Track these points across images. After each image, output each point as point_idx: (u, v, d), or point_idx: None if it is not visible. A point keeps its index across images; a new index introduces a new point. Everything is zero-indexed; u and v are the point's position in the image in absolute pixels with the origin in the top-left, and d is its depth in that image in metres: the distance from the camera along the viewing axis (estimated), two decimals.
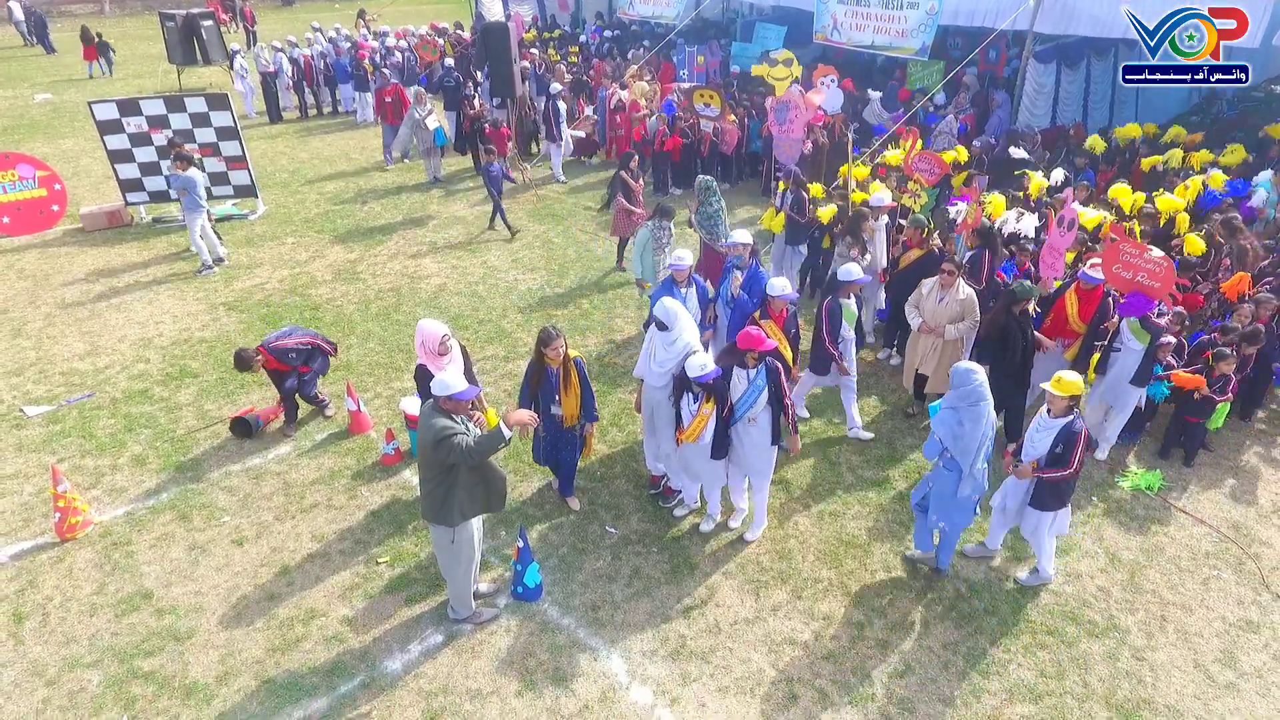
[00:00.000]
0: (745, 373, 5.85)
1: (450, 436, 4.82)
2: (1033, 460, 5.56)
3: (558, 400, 6.08)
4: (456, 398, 4.91)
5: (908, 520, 6.74)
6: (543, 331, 6.00)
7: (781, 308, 6.61)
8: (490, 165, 11.89)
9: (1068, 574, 6.23)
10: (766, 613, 5.89)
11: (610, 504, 6.94)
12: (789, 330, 6.68)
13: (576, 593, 6.06)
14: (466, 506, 5.13)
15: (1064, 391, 5.39)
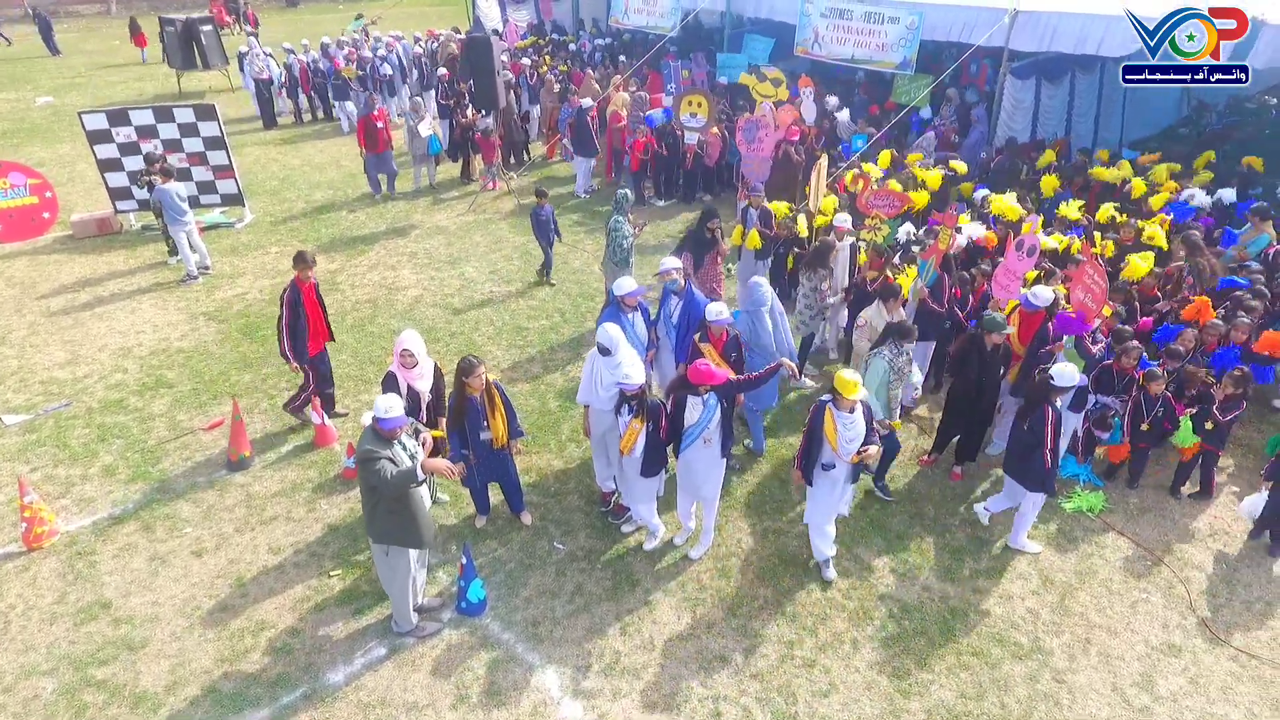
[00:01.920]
0: (699, 399, 6.03)
1: (371, 461, 5.04)
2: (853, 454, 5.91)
3: (485, 425, 6.28)
4: (381, 425, 5.10)
5: (850, 541, 6.91)
6: (462, 361, 6.20)
7: (720, 332, 6.74)
8: (540, 209, 10.66)
9: (1000, 595, 6.38)
10: (701, 630, 6.06)
11: (561, 520, 7.13)
12: (729, 354, 6.80)
13: (519, 608, 6.25)
14: (388, 532, 5.33)
15: (845, 391, 5.69)
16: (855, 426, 5.78)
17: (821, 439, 5.86)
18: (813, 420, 5.92)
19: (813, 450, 5.97)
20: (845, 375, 5.69)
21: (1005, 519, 6.95)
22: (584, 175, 14.68)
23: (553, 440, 8.12)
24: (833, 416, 5.77)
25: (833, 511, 6.24)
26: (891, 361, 6.74)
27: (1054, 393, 6.17)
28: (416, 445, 5.44)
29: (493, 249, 12.53)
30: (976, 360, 7.04)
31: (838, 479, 6.03)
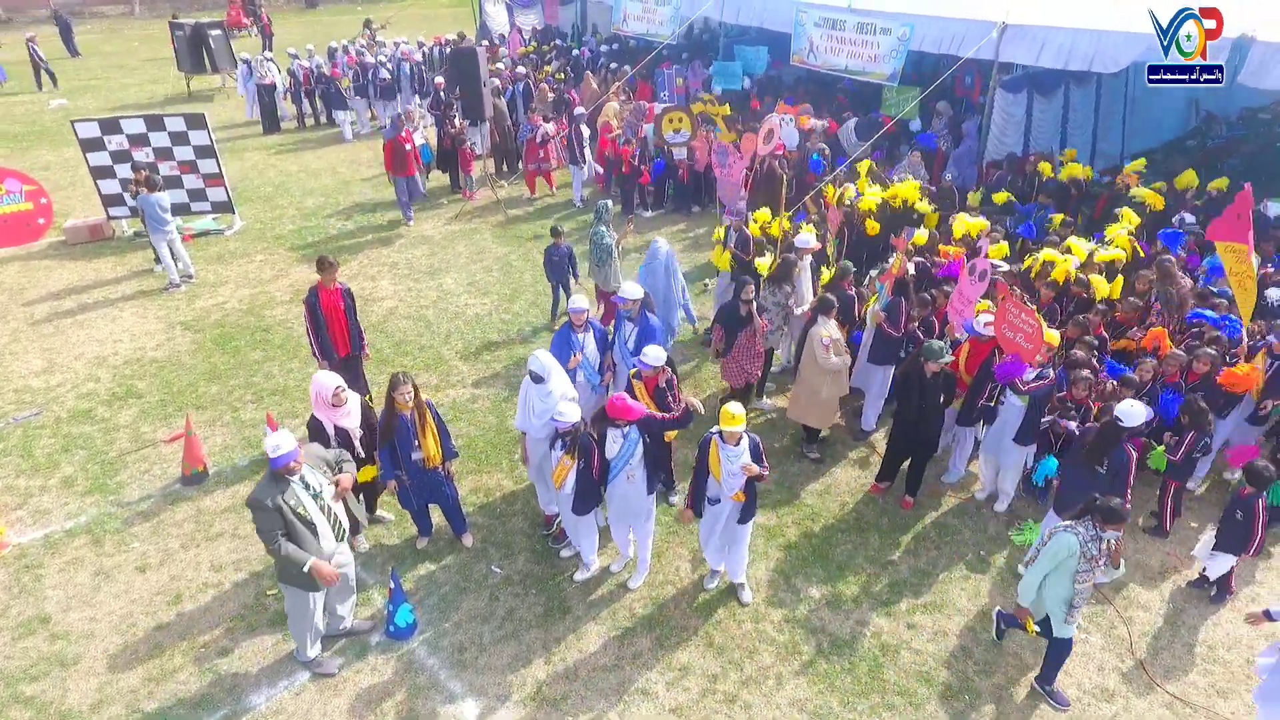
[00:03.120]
0: (619, 431, 6.00)
1: (255, 506, 5.12)
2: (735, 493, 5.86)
3: (416, 445, 6.28)
4: (272, 464, 5.11)
5: (789, 570, 6.84)
6: (392, 377, 6.22)
7: (654, 374, 6.66)
8: (556, 248, 9.93)
9: (935, 631, 6.29)
10: (627, 661, 6.04)
11: (503, 542, 7.14)
12: (661, 399, 6.68)
13: (448, 633, 6.26)
14: (284, 571, 5.37)
15: (726, 424, 5.64)
16: (740, 460, 5.70)
17: (707, 471, 5.81)
18: (700, 454, 5.87)
19: (700, 484, 5.91)
20: (730, 409, 5.62)
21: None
22: (580, 185, 14.69)
23: (505, 460, 8.13)
24: (718, 449, 5.71)
25: (713, 538, 6.17)
26: (1085, 544, 5.12)
27: (1124, 433, 6.05)
28: (323, 481, 5.43)
29: (474, 260, 12.56)
30: (917, 387, 6.95)
31: (721, 513, 5.97)
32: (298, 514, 5.21)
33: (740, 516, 6.08)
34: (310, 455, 5.48)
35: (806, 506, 7.58)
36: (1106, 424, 6.20)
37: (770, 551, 7.03)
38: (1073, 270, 8.91)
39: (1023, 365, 6.80)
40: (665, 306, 8.79)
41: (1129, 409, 6.07)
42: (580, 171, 14.22)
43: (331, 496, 5.42)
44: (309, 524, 5.27)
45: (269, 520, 5.10)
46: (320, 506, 5.34)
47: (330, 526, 5.42)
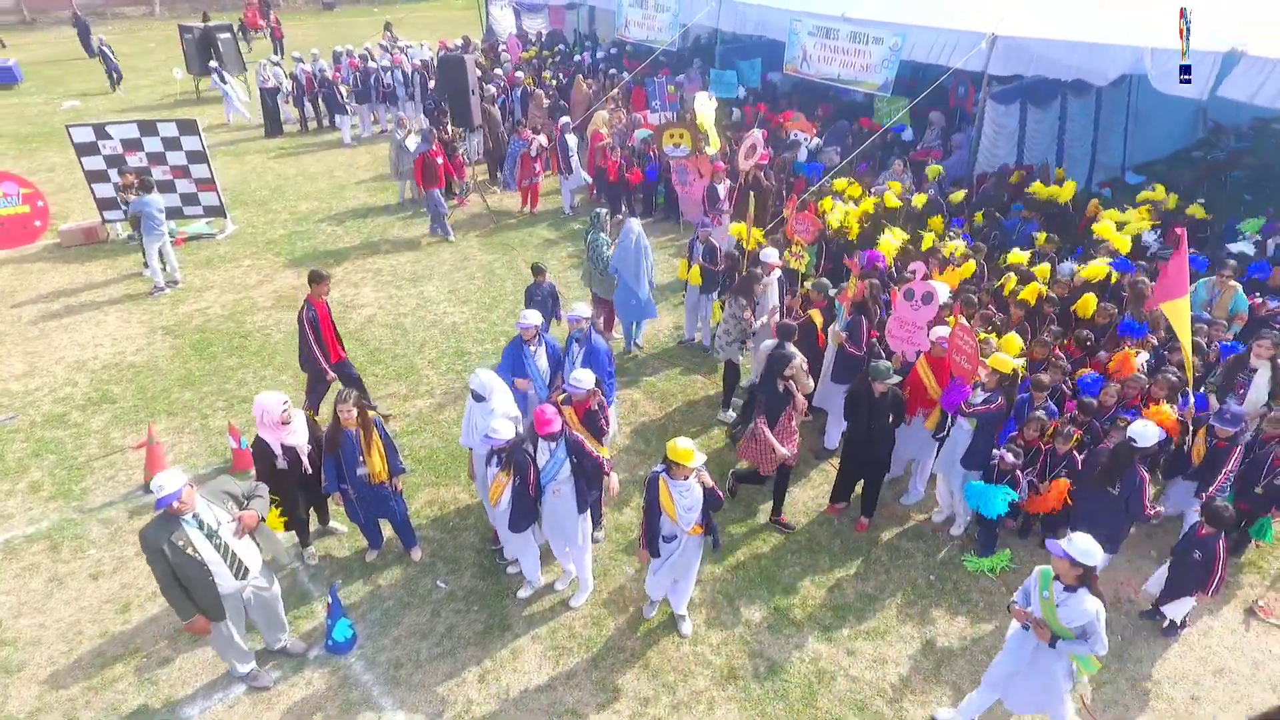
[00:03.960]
0: (547, 445, 6.00)
1: (144, 546, 5.18)
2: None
3: (361, 460, 6.31)
4: (158, 504, 5.08)
5: (734, 592, 6.81)
6: (339, 394, 6.25)
7: (583, 399, 6.60)
8: (537, 286, 9.10)
9: (874, 659, 6.23)
10: (560, 681, 6.03)
11: (451, 557, 7.16)
12: (591, 423, 6.65)
13: (386, 648, 6.29)
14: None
15: (676, 458, 5.56)
16: (691, 494, 5.65)
17: (659, 510, 5.75)
18: (649, 493, 5.80)
19: (653, 523, 5.86)
20: (679, 444, 5.57)
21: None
22: (569, 193, 14.69)
23: (464, 473, 8.14)
24: (667, 486, 5.65)
25: (662, 571, 6.12)
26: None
27: (1136, 454, 6.06)
28: (222, 518, 5.40)
29: (457, 267, 12.62)
30: (865, 408, 6.89)
31: (676, 549, 5.92)
32: (188, 554, 5.16)
33: (712, 542, 6.03)
34: (212, 491, 5.46)
35: (760, 526, 7.53)
36: (1119, 446, 6.20)
37: (717, 572, 6.99)
38: (1043, 289, 8.80)
39: (966, 391, 6.72)
40: (635, 282, 9.44)
41: (1142, 429, 6.10)
42: (568, 180, 14.22)
43: (232, 534, 5.37)
44: (201, 564, 5.22)
45: (156, 562, 5.13)
46: (216, 545, 5.28)
47: (228, 565, 5.35)
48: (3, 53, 28.04)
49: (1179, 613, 6.31)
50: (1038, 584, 4.93)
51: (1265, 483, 6.72)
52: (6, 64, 24.92)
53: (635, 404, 9.26)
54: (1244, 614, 6.62)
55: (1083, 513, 6.45)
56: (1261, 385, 6.79)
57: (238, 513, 5.51)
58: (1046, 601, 4.86)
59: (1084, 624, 4.76)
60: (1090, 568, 4.73)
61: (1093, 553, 4.70)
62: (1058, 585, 4.83)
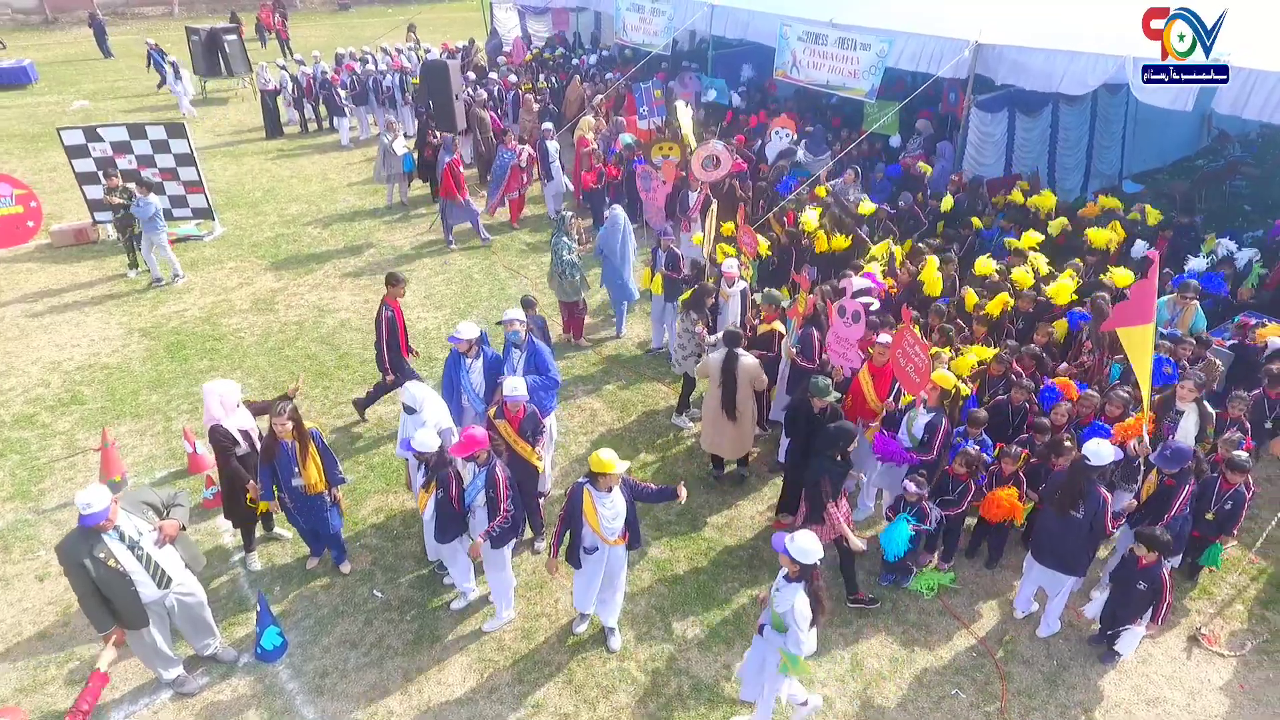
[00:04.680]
0: (471, 465, 6.00)
1: (61, 560, 5.19)
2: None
3: (297, 471, 6.34)
4: (83, 522, 5.09)
5: (669, 607, 6.77)
6: (274, 406, 6.28)
7: (517, 408, 6.62)
8: (530, 318, 8.27)
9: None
10: (482, 694, 6.03)
11: (392, 566, 7.18)
12: (525, 431, 6.68)
13: (315, 657, 6.32)
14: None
15: (598, 469, 5.57)
16: (615, 505, 5.64)
17: (582, 522, 5.73)
18: (570, 503, 5.78)
19: (574, 534, 5.83)
20: (602, 455, 5.55)
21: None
22: (552, 199, 14.70)
23: None
24: (591, 498, 5.64)
25: (592, 587, 6.09)
26: None
27: (1094, 473, 5.93)
28: (143, 529, 5.43)
29: (436, 272, 12.67)
30: (804, 423, 6.83)
31: (601, 560, 5.90)
32: (110, 566, 5.20)
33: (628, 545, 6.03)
34: (131, 501, 5.51)
35: (704, 540, 7.48)
36: (1076, 467, 6.03)
37: (655, 586, 6.96)
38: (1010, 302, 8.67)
39: (897, 448, 6.70)
40: (623, 265, 10.21)
41: (1096, 448, 5.94)
42: (549, 186, 14.22)
43: (154, 543, 5.40)
44: (123, 575, 5.26)
45: (75, 576, 5.17)
46: (138, 555, 5.33)
47: (150, 575, 5.39)
48: (21, 52, 28.54)
49: (1131, 646, 6.18)
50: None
51: (1216, 509, 6.58)
52: (20, 64, 25.39)
53: (594, 413, 9.24)
54: (1187, 641, 6.48)
55: (1045, 539, 6.24)
56: (1189, 428, 6.56)
57: (159, 522, 5.57)
58: (775, 590, 5.13)
59: (784, 612, 4.94)
60: (808, 565, 4.85)
61: (809, 551, 4.85)
62: (782, 572, 5.03)
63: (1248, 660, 6.30)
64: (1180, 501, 6.01)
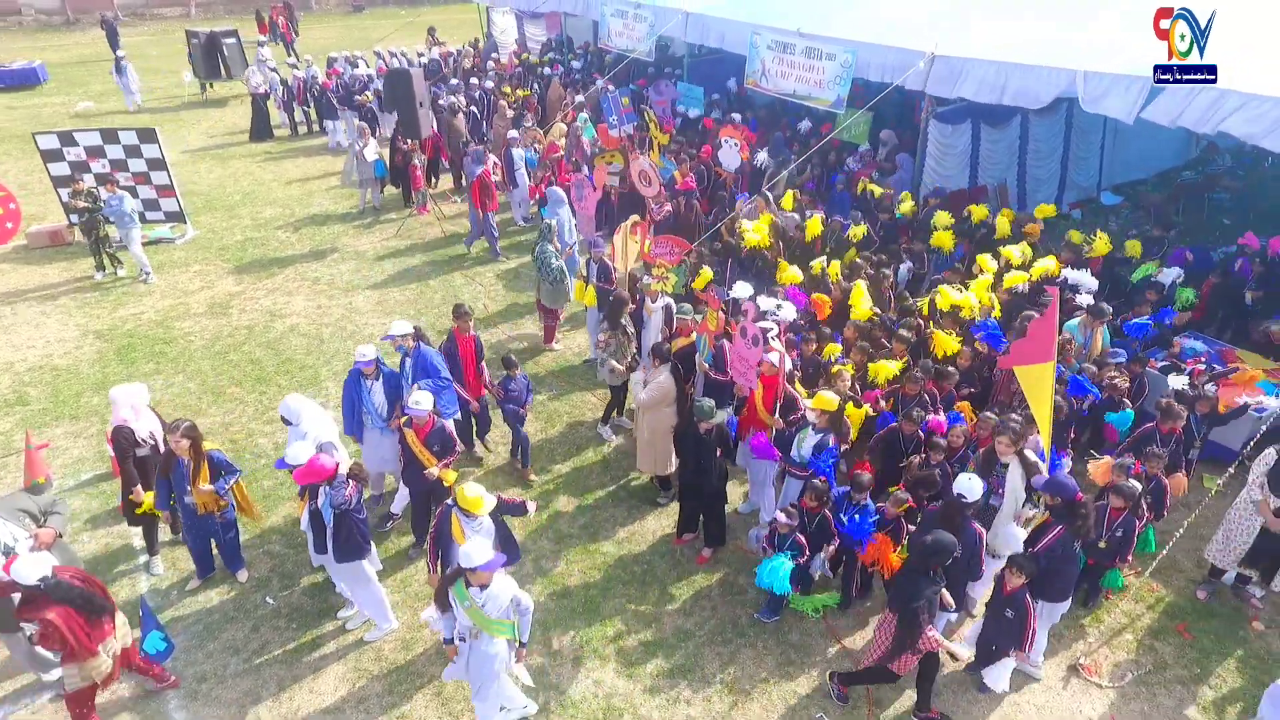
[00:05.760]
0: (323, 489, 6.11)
1: None
2: None
3: (189, 489, 6.47)
4: None
5: (553, 622, 6.82)
6: (169, 424, 6.42)
7: (423, 421, 6.72)
8: (509, 380, 8.17)
9: (668, 698, 6.19)
10: (351, 704, 6.13)
11: (290, 573, 7.31)
12: (431, 443, 6.77)
13: (198, 662, 6.46)
14: None
15: (465, 506, 5.67)
16: (482, 526, 5.72)
17: (451, 542, 5.80)
18: (439, 523, 5.88)
19: (445, 552, 5.90)
20: (468, 493, 5.62)
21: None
22: (517, 204, 14.80)
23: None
24: (459, 521, 5.71)
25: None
26: None
27: (968, 509, 5.85)
28: (19, 535, 5.56)
29: (395, 279, 12.82)
30: (692, 445, 6.86)
31: None
32: None
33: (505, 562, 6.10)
34: (8, 508, 5.66)
35: (602, 554, 7.52)
36: (949, 504, 5.91)
37: (543, 600, 7.01)
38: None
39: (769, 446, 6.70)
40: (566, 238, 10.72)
41: (967, 483, 5.82)
42: (514, 193, 14.31)
43: (29, 550, 5.54)
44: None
45: None
46: None
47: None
48: (40, 53, 29.23)
49: (1002, 679, 6.12)
50: (456, 599, 5.11)
51: (1107, 536, 6.49)
52: (31, 65, 26.01)
53: None
54: (1067, 671, 6.39)
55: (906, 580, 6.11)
56: (1016, 481, 6.40)
57: (35, 530, 5.72)
58: (471, 608, 5.08)
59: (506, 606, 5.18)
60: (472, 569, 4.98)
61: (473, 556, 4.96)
62: (474, 590, 5.07)
63: (1125, 692, 6.21)
64: (1050, 537, 5.91)
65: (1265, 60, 9.12)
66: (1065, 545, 5.76)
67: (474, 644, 5.19)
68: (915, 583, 5.51)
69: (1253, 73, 8.85)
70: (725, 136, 14.13)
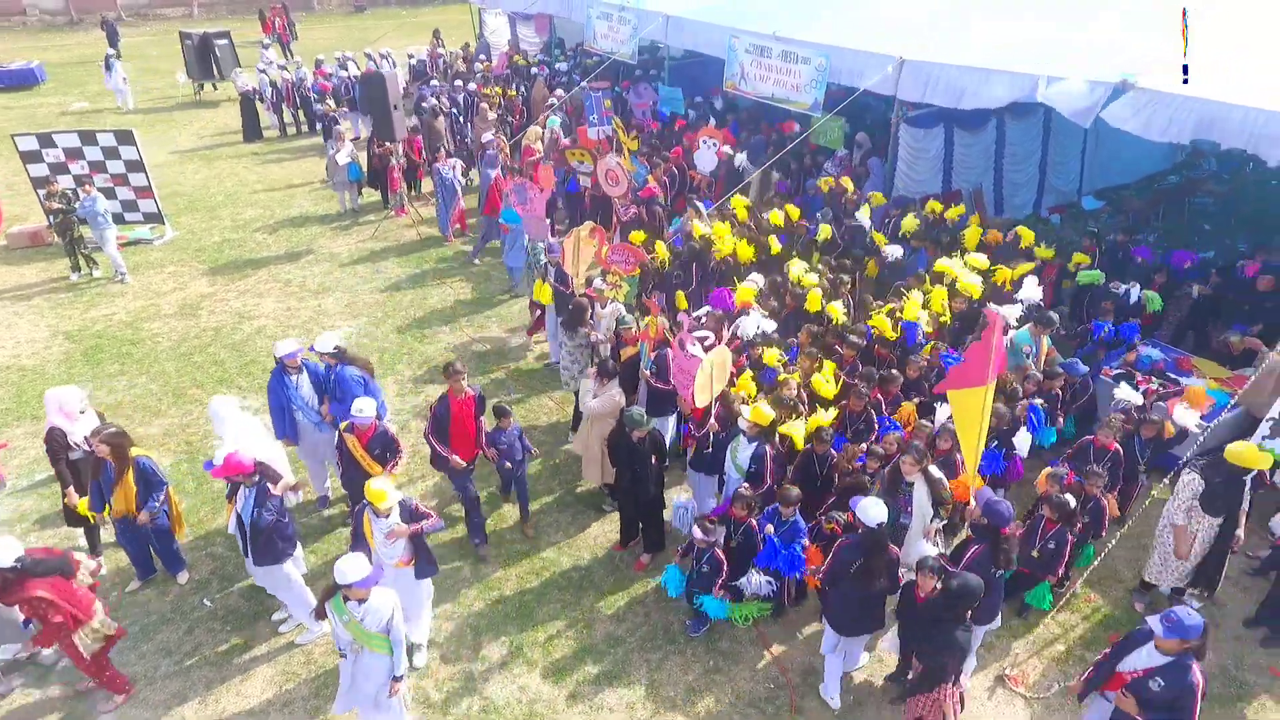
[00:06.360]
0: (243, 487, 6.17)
1: None
2: None
3: (113, 492, 6.54)
4: None
5: (485, 627, 6.84)
6: (94, 429, 6.49)
7: (366, 427, 6.78)
8: (499, 434, 7.35)
9: (593, 705, 6.21)
10: (275, 707, 6.18)
11: (230, 575, 7.37)
12: (373, 448, 6.82)
13: (130, 663, 6.52)
14: None
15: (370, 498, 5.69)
16: (389, 529, 5.76)
17: (365, 543, 5.86)
18: (355, 522, 5.95)
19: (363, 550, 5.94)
20: (373, 485, 5.66)
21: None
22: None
23: None
24: (369, 519, 5.76)
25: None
26: None
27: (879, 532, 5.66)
28: None
29: (365, 280, 12.88)
30: (625, 454, 6.88)
31: (392, 580, 5.98)
32: None
33: (416, 573, 6.13)
34: None
35: (540, 559, 7.55)
36: (866, 533, 5.70)
37: (476, 605, 7.04)
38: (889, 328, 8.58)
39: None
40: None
41: (866, 508, 5.64)
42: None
43: None
44: None
45: None
46: None
47: None
48: (42, 53, 29.50)
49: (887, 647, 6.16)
50: (334, 613, 5.12)
51: (1040, 546, 6.47)
52: (29, 66, 26.26)
53: None
54: (994, 681, 6.37)
55: (845, 609, 5.92)
56: (922, 500, 6.34)
57: None
58: (350, 622, 5.09)
59: (387, 621, 5.14)
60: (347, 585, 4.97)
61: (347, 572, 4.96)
62: (351, 605, 5.07)
63: (1049, 703, 6.18)
64: (968, 556, 5.87)
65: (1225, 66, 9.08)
66: (982, 566, 5.71)
67: (357, 658, 5.20)
68: (946, 632, 5.25)
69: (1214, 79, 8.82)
70: (705, 136, 14.18)
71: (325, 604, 5.11)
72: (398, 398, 9.89)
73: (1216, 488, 6.24)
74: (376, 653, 5.16)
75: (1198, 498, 6.32)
